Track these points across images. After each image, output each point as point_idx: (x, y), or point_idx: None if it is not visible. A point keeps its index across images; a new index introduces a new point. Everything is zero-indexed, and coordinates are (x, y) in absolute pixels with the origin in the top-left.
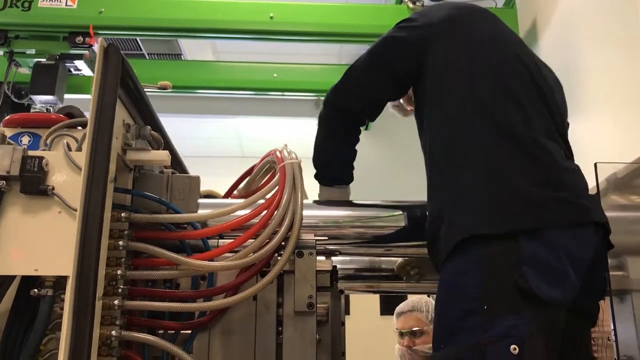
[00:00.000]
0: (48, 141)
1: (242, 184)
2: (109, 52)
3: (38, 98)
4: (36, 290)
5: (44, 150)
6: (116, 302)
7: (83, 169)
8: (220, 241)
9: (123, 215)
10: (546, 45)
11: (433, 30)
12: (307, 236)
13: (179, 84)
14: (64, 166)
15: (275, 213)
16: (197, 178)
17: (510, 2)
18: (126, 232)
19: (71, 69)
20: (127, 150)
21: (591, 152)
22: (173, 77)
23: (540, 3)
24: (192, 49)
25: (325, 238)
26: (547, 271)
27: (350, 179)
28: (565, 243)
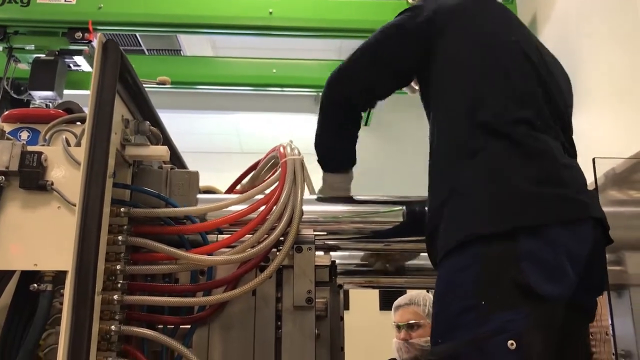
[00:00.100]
0: (47, 136)
1: (247, 179)
2: (108, 48)
3: (37, 94)
4: (36, 285)
5: (43, 145)
6: (115, 297)
7: (82, 164)
8: (219, 236)
9: (122, 210)
10: (546, 40)
11: (442, 17)
12: (306, 231)
13: (178, 80)
14: (63, 161)
15: (274, 208)
16: (196, 173)
17: None
18: (125, 227)
19: (70, 65)
20: (126, 145)
21: (590, 147)
22: (172, 73)
23: None
24: (192, 45)
25: (324, 233)
26: (546, 267)
27: (351, 164)
28: (564, 240)
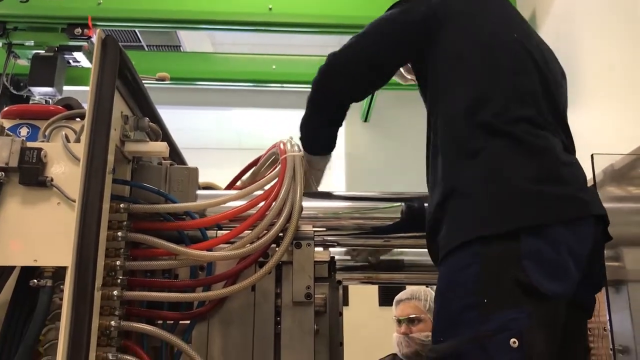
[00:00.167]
0: (47, 133)
1: (247, 175)
2: (107, 44)
3: (37, 90)
4: (35, 280)
5: (43, 141)
6: (115, 293)
7: (82, 161)
8: (218, 232)
9: (122, 206)
10: (545, 36)
11: (447, 7)
12: (306, 227)
13: (178, 76)
14: (63, 157)
15: (273, 204)
16: (196, 169)
17: None
18: (125, 223)
19: (70, 61)
20: (126, 141)
21: (589, 144)
22: (172, 69)
23: None
24: (191, 41)
25: (323, 229)
26: (548, 265)
27: (333, 148)
28: (565, 239)
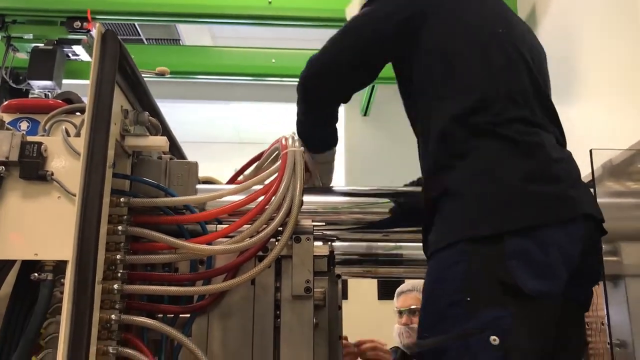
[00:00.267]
0: (47, 127)
1: (250, 170)
2: (107, 38)
3: (36, 83)
4: (36, 274)
5: (43, 135)
6: (115, 286)
7: (82, 155)
8: (218, 226)
9: (122, 200)
10: (545, 32)
11: (427, 8)
12: (305, 222)
13: (177, 70)
14: (63, 152)
15: (273, 199)
16: (195, 164)
17: None
18: (125, 217)
19: (69, 54)
20: (126, 136)
21: (587, 139)
22: (171, 63)
23: None
24: (191, 34)
25: (323, 224)
26: (535, 265)
27: (335, 142)
28: (554, 239)
